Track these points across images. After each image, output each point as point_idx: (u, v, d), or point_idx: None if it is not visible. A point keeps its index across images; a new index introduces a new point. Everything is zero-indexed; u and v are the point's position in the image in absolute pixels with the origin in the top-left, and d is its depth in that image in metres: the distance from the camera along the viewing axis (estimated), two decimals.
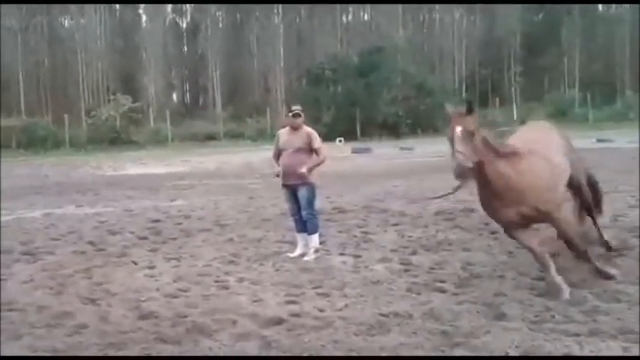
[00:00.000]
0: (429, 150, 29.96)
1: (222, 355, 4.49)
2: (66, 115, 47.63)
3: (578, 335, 4.55)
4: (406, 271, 6.73)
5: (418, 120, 49.65)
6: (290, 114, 7.78)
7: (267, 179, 12.22)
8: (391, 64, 51.39)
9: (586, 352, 4.26)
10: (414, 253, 7.61)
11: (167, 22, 69.47)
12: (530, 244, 5.68)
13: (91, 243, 9.07)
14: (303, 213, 7.70)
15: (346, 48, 60.76)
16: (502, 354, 4.29)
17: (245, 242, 8.84)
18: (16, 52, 55.77)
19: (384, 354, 4.36)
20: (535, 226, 5.94)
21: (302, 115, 7.76)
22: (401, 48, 56.75)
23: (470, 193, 12.60)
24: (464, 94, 61.82)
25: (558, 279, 5.53)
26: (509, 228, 5.71)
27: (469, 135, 5.07)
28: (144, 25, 66.15)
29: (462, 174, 5.03)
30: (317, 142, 7.69)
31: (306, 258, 7.53)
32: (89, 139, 47.16)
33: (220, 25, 67.47)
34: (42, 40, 59.90)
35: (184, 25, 73.08)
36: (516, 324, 4.86)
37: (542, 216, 5.57)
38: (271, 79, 63.89)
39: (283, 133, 7.87)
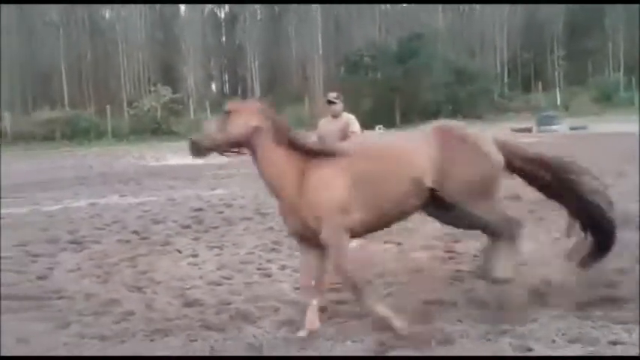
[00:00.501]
0: None
1: (265, 341, 4.51)
2: (108, 107, 48.47)
3: (626, 323, 4.46)
4: (450, 258, 6.66)
5: (459, 106, 49.10)
6: (327, 104, 7.70)
7: None
8: (430, 50, 50.84)
9: (634, 340, 4.18)
10: (458, 240, 7.53)
11: (205, 13, 69.99)
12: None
13: (135, 232, 9.22)
14: None
15: (385, 35, 60.33)
16: (549, 342, 4.22)
17: (286, 230, 8.85)
18: (59, 46, 56.82)
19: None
20: None
21: (337, 102, 7.64)
22: (440, 34, 56.11)
23: (513, 180, 12.48)
24: (506, 79, 60.94)
25: (381, 309, 4.54)
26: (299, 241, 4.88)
27: (226, 117, 4.65)
28: (183, 16, 66.77)
29: (193, 149, 4.60)
30: (353, 126, 7.60)
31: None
32: (131, 129, 47.94)
33: (258, 15, 67.68)
34: (83, 33, 60.97)
35: (222, 16, 73.53)
36: (563, 311, 4.77)
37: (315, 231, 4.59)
38: (309, 68, 63.91)
39: (324, 123, 7.78)
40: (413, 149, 4.79)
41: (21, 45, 56.51)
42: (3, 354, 4.50)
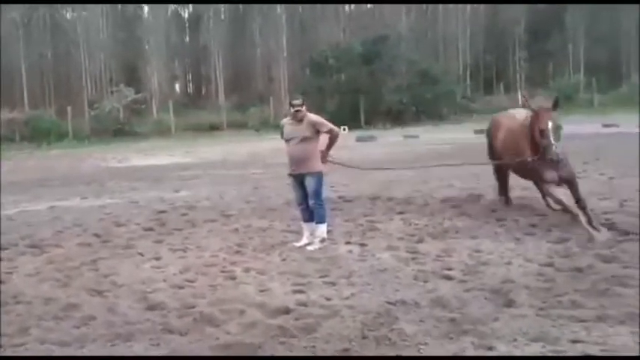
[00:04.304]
0: (435, 137, 29.89)
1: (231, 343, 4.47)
2: (69, 107, 47.64)
3: (585, 321, 4.54)
4: (413, 259, 6.71)
5: (423, 107, 49.51)
6: (291, 109, 7.68)
7: (271, 169, 12.18)
8: (395, 51, 51.14)
9: (593, 338, 4.25)
10: (421, 241, 7.59)
11: (169, 13, 69.34)
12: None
13: (96, 235, 9.05)
14: (310, 202, 7.65)
15: (349, 36, 60.42)
16: (510, 340, 4.27)
17: (250, 232, 8.82)
18: (19, 45, 55.61)
19: (393, 338, 4.35)
20: None
21: (302, 108, 7.66)
22: (404, 36, 56.44)
23: (477, 181, 12.61)
24: (468, 81, 61.63)
25: None
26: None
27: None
28: (146, 16, 66.00)
29: None
30: (324, 126, 7.64)
31: (311, 247, 7.48)
32: (93, 130, 47.22)
33: (222, 15, 67.25)
34: (45, 33, 59.81)
35: (186, 16, 72.92)
36: (524, 311, 4.84)
37: None
38: (274, 68, 63.73)
39: (287, 124, 7.79)
40: None
41: None
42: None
